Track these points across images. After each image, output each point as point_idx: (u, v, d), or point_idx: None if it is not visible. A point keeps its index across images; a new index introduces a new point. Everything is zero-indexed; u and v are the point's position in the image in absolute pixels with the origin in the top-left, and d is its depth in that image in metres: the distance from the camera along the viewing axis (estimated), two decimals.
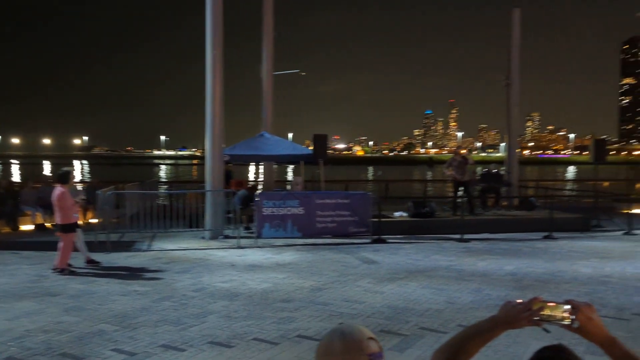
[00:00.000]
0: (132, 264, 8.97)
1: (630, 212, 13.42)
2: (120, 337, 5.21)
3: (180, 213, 12.11)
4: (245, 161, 19.42)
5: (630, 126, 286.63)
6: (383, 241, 11.33)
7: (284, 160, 17.04)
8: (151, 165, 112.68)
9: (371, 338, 1.39)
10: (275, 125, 16.49)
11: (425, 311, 6.14)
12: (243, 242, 10.90)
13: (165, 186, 27.16)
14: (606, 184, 27.09)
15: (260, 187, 17.07)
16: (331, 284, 7.51)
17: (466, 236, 11.69)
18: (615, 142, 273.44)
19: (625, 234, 12.58)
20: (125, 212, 13.08)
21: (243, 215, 12.68)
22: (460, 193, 13.90)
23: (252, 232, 11.85)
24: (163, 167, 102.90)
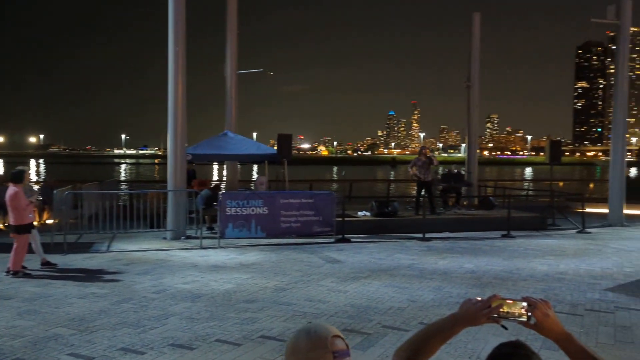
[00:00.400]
0: (90, 265, 8.72)
1: (583, 211, 13.94)
2: (77, 341, 5.06)
3: (141, 213, 11.86)
4: (208, 160, 19.18)
5: (583, 128, 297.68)
6: (347, 240, 11.40)
7: (248, 160, 16.91)
8: (111, 164, 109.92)
9: (337, 336, 1.39)
10: (239, 124, 16.36)
11: (388, 309, 6.21)
12: (206, 242, 10.76)
13: (126, 186, 26.54)
14: (561, 183, 28.08)
15: (223, 186, 16.89)
16: (295, 283, 7.50)
17: (428, 235, 11.89)
18: (569, 144, 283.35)
19: (579, 232, 13.06)
20: (83, 213, 12.70)
21: (206, 215, 12.52)
22: (423, 193, 14.11)
23: (215, 233, 11.71)
24: (124, 166, 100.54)
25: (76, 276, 7.92)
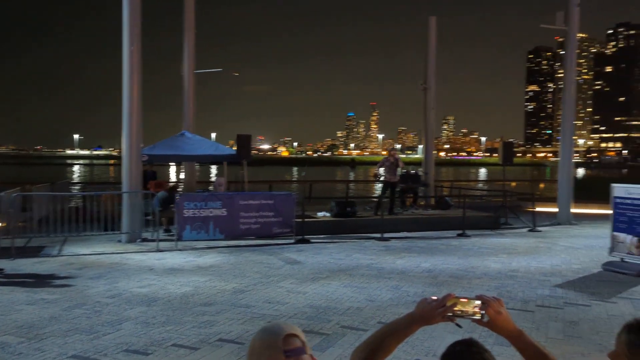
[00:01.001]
0: (40, 270, 8.38)
1: (534, 210, 14.45)
2: (26, 350, 4.85)
3: (95, 215, 11.49)
4: (165, 161, 18.81)
5: (534, 130, 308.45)
6: (307, 241, 11.41)
7: (206, 161, 16.70)
8: (63, 165, 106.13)
9: (291, 334, 1.37)
10: (197, 124, 16.12)
11: (347, 310, 6.25)
12: (162, 245, 10.54)
13: (79, 187, 25.68)
14: (513, 184, 29.01)
15: (181, 188, 16.59)
16: (254, 285, 7.45)
17: (386, 235, 12.04)
18: (521, 145, 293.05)
19: (530, 230, 13.53)
20: (32, 215, 12.20)
21: (163, 217, 12.26)
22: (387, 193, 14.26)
23: (172, 235, 11.49)
24: (77, 167, 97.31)
25: (25, 282, 7.61)
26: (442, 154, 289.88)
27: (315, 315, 5.99)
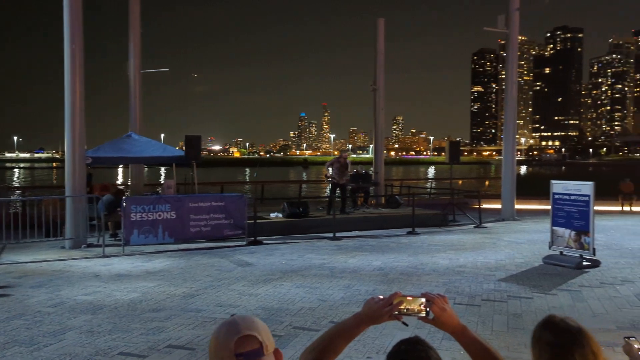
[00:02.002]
0: None
1: (480, 207, 14.94)
2: None
3: (36, 221, 10.98)
4: (111, 164, 18.19)
5: (479, 129, 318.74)
6: (259, 243, 11.34)
7: (154, 163, 16.25)
8: (2, 169, 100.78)
9: (247, 336, 1.30)
10: (146, 126, 15.70)
11: (299, 310, 6.26)
12: (109, 250, 10.21)
13: (19, 192, 24.46)
14: (460, 182, 29.88)
15: (128, 191, 16.10)
16: (205, 289, 7.33)
17: (338, 234, 12.14)
18: (467, 144, 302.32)
19: (476, 227, 13.98)
20: None
21: (108, 221, 11.87)
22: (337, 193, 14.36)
23: (119, 240, 11.13)
24: (17, 171, 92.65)
25: None
26: (392, 153, 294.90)
27: (267, 317, 5.96)
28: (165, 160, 14.31)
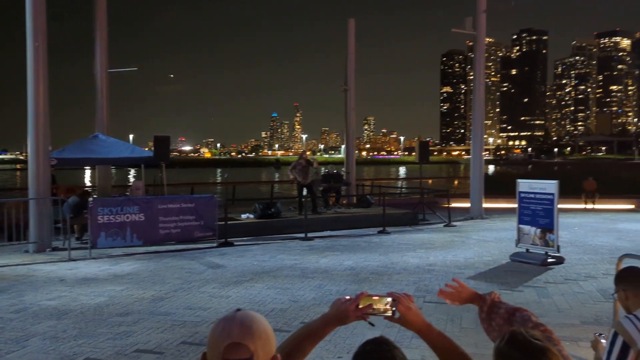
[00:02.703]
0: None
1: (449, 206, 15.17)
2: None
3: None
4: (77, 165, 17.76)
5: (449, 129, 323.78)
6: (230, 244, 11.25)
7: (122, 164, 15.96)
8: None
9: (237, 344, 1.24)
10: (114, 126, 15.39)
11: (270, 311, 6.23)
12: (75, 253, 9.97)
13: None
14: (430, 181, 30.27)
15: (95, 192, 15.75)
16: (174, 292, 7.22)
17: (310, 234, 12.14)
18: (437, 144, 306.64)
19: (446, 225, 14.18)
20: None
21: (74, 224, 11.59)
22: (304, 194, 14.39)
23: (85, 243, 10.87)
24: None
25: None
26: (364, 153, 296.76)
27: None
28: (133, 161, 14.06)
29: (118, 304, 6.64)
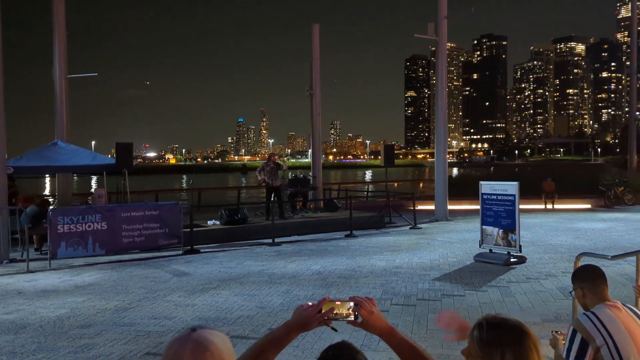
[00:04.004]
0: None
1: (415, 208, 15.37)
2: None
3: None
4: (36, 173, 17.20)
5: (414, 133, 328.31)
6: (196, 251, 11.09)
7: (83, 171, 15.53)
8: None
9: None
10: (75, 133, 15.14)
11: (237, 319, 6.17)
12: (33, 265, 9.64)
13: None
14: (396, 184, 30.62)
15: (55, 201, 15.29)
16: (138, 302, 7.07)
17: (277, 240, 12.09)
18: (403, 147, 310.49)
19: (412, 228, 14.36)
20: None
21: (33, 234, 11.22)
22: (272, 198, 14.33)
23: (45, 253, 10.53)
24: None
25: None
26: (331, 157, 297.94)
27: None
28: (95, 168, 13.72)
29: (79, 315, 6.45)
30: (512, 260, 9.13)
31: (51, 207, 11.51)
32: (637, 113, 26.73)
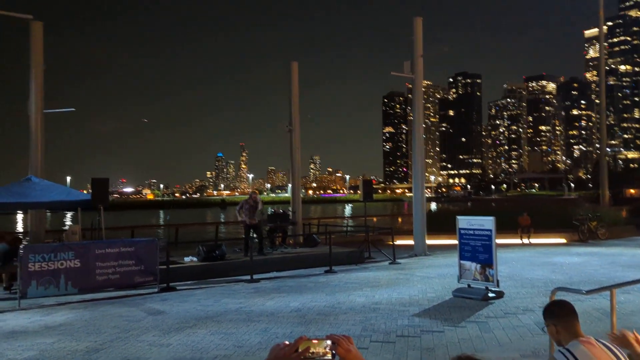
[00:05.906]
0: None
1: (393, 243, 15.40)
2: None
3: None
4: (8, 210, 16.82)
5: (392, 168, 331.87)
6: (172, 289, 10.87)
7: (57, 207, 15.22)
8: None
9: None
10: (50, 169, 14.79)
11: (214, 358, 6.02)
12: (2, 305, 9.33)
13: None
14: (375, 219, 30.70)
15: (27, 239, 14.90)
16: (111, 342, 6.85)
17: (256, 276, 11.94)
18: (381, 182, 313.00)
19: (391, 263, 14.35)
20: None
21: (3, 273, 10.89)
22: (252, 235, 14.23)
23: (14, 293, 10.20)
24: None
25: None
26: (310, 192, 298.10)
27: None
28: (69, 204, 13.47)
29: (48, 358, 6.21)
30: (490, 295, 9.15)
31: (22, 245, 11.21)
32: (608, 149, 27.56)
